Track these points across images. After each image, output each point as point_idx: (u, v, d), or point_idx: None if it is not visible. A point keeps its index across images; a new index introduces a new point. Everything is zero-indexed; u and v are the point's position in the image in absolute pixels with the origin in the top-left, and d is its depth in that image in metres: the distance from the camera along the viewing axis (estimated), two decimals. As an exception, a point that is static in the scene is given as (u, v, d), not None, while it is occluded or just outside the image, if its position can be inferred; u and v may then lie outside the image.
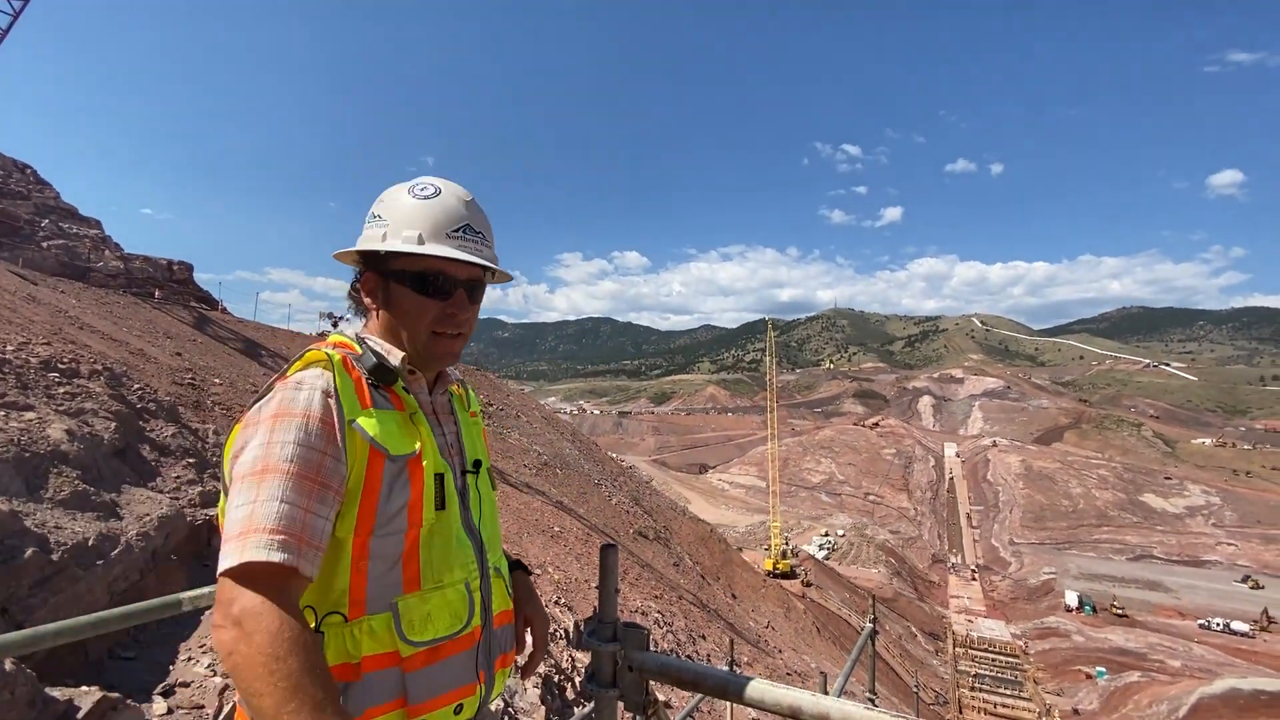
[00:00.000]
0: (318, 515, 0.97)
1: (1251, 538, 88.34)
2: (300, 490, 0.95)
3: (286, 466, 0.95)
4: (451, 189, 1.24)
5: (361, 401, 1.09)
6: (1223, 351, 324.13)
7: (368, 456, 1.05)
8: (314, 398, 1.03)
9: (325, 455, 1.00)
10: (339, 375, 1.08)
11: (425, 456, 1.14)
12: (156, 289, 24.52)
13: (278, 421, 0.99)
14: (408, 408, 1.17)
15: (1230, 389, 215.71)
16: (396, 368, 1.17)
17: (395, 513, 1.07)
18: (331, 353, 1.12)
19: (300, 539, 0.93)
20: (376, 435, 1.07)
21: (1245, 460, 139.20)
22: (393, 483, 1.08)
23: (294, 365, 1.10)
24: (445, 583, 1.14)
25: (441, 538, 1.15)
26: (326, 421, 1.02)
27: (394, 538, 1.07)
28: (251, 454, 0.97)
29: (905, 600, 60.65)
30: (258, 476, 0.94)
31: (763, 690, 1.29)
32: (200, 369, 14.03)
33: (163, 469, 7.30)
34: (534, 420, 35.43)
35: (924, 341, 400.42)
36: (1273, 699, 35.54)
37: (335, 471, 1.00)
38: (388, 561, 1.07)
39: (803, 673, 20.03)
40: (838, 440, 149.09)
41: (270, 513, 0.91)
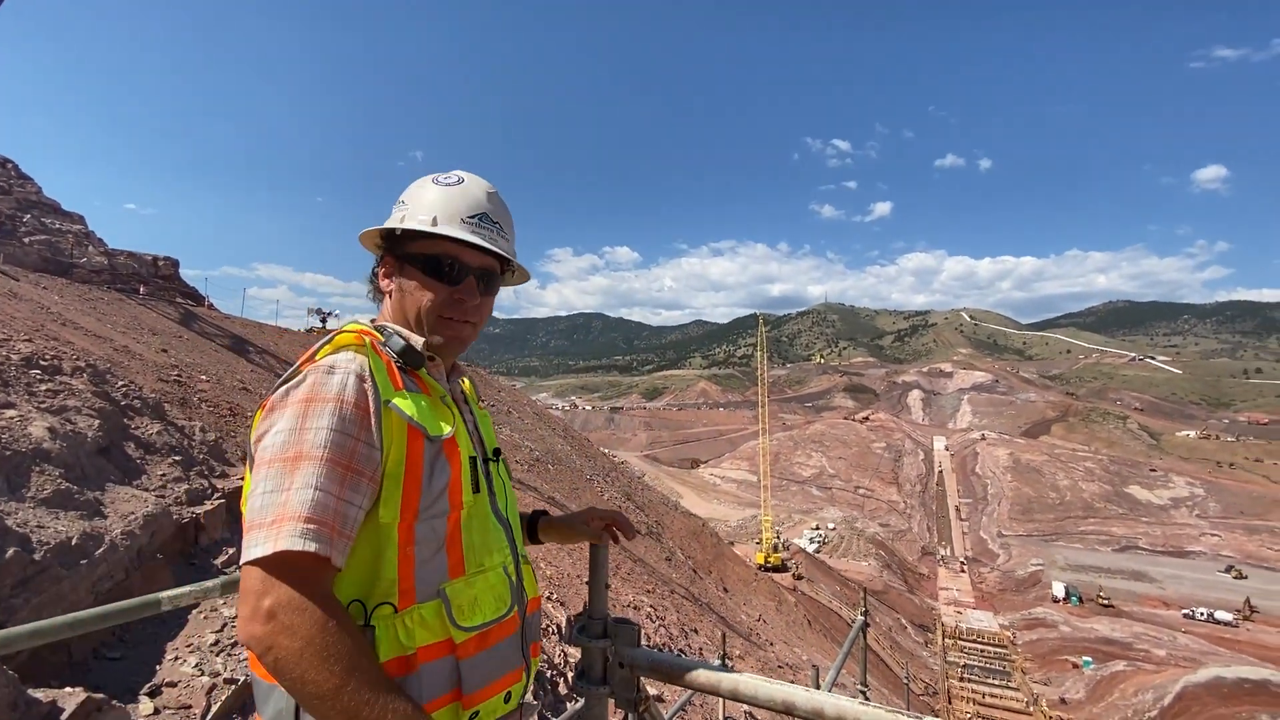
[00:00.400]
0: (350, 504, 0.95)
1: (1235, 528, 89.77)
2: (334, 478, 0.93)
3: (320, 453, 0.93)
4: (475, 180, 1.27)
5: (394, 383, 1.08)
6: (1207, 345, 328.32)
7: (406, 437, 1.04)
8: (348, 381, 1.01)
9: (359, 442, 0.98)
10: (372, 358, 1.07)
11: (459, 438, 1.15)
12: (141, 285, 24.20)
13: (310, 406, 0.97)
14: (435, 392, 1.17)
15: (1214, 382, 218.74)
16: (422, 352, 1.18)
17: (438, 495, 1.07)
18: (364, 334, 1.14)
19: (333, 528, 0.91)
20: (415, 415, 1.06)
21: (1229, 452, 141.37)
22: (433, 464, 1.07)
23: (323, 349, 1.08)
24: (487, 566, 1.14)
25: (479, 521, 1.16)
26: (361, 406, 1.00)
27: (438, 520, 1.07)
28: (281, 438, 0.95)
29: (895, 592, 61.19)
30: (290, 463, 0.93)
31: (756, 685, 1.28)
32: (186, 366, 13.86)
33: (148, 467, 7.21)
34: (525, 416, 35.34)
35: (913, 336, 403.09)
36: (1256, 687, 36.18)
37: (369, 459, 0.99)
38: (433, 546, 1.06)
39: (794, 665, 20.16)
40: (828, 434, 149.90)
41: (305, 500, 0.90)
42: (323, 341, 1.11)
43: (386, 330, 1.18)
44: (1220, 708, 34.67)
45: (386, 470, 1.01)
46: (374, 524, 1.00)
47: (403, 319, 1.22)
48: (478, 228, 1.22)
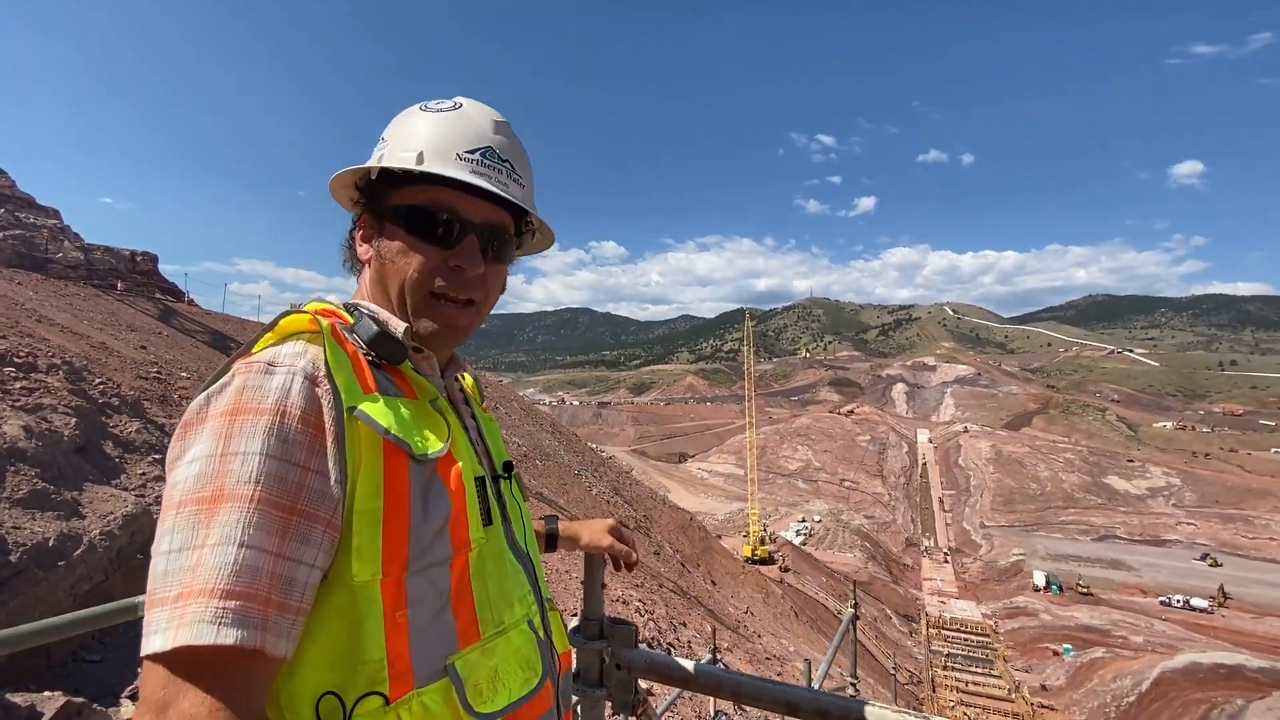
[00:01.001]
0: (296, 561, 0.65)
1: (1210, 517, 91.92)
2: (268, 526, 0.64)
3: (248, 490, 0.64)
4: (478, 106, 0.94)
5: (363, 384, 0.77)
6: (1183, 338, 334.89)
7: (382, 457, 0.74)
8: (292, 384, 0.70)
9: (308, 471, 0.68)
10: (330, 349, 0.76)
11: (458, 454, 0.84)
12: (119, 281, 23.76)
13: (236, 421, 0.67)
14: (422, 393, 0.86)
15: (1190, 374, 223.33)
16: (403, 341, 0.85)
17: (435, 535, 0.77)
18: (320, 318, 0.79)
19: (267, 602, 0.62)
20: (392, 426, 0.76)
21: (1204, 443, 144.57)
22: (425, 493, 0.77)
23: (262, 338, 0.76)
24: (508, 624, 0.85)
25: (494, 563, 0.86)
26: (311, 419, 0.69)
27: (437, 570, 0.76)
28: (195, 469, 0.65)
29: (880, 583, 61.90)
30: (206, 506, 0.63)
31: (758, 687, 1.25)
32: (166, 363, 13.63)
33: (127, 465, 7.09)
34: (513, 412, 35.22)
35: (897, 330, 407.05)
36: (1231, 672, 37.13)
37: (324, 495, 0.68)
38: (433, 606, 0.76)
39: (782, 656, 20.34)
40: (814, 428, 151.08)
41: (222, 564, 0.61)
42: (265, 328, 0.78)
43: (358, 311, 0.86)
44: (1196, 692, 35.53)
45: (355, 508, 0.71)
46: (345, 584, 0.70)
47: (383, 296, 0.89)
48: (480, 166, 0.88)
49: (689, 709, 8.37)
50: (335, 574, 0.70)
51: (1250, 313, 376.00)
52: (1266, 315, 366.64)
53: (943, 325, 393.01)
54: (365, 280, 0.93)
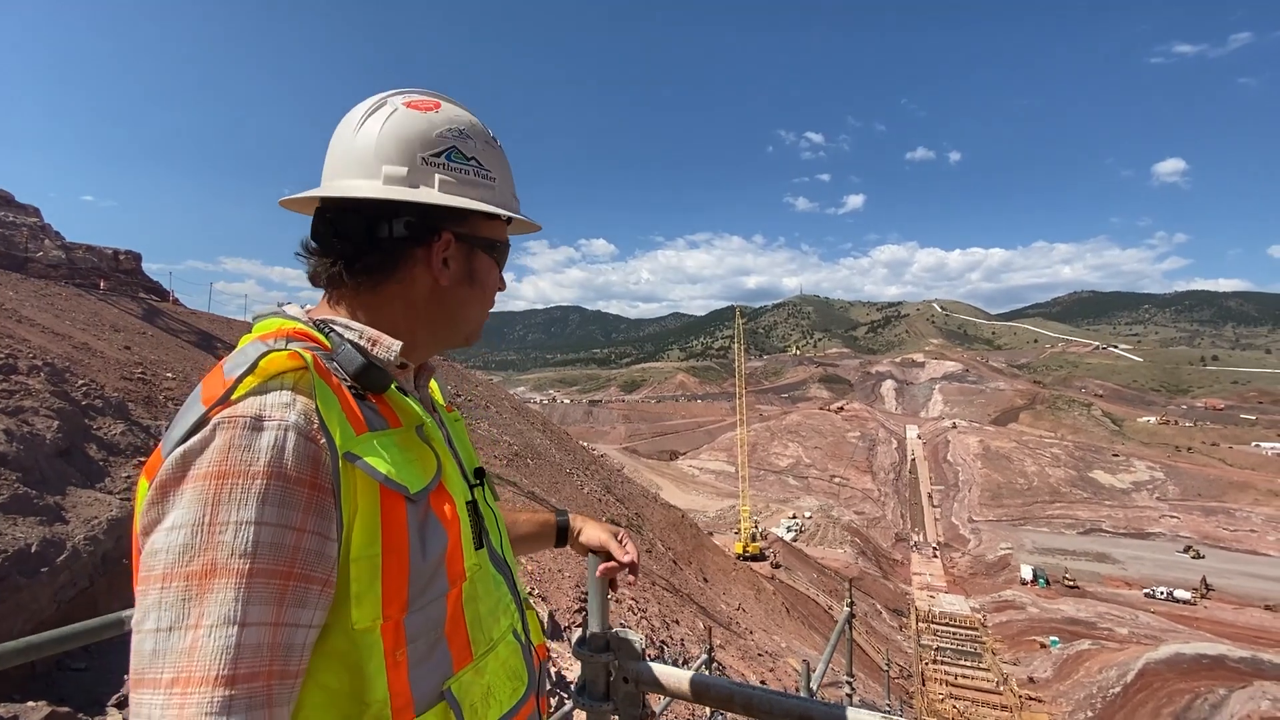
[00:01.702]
0: (294, 626, 0.63)
1: (1192, 510, 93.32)
2: (266, 598, 0.61)
3: (243, 565, 0.60)
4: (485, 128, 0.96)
5: (354, 423, 0.73)
6: (1166, 334, 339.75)
7: (380, 504, 0.71)
8: (285, 442, 0.65)
9: (306, 534, 0.65)
10: (319, 391, 0.70)
11: (449, 483, 0.83)
12: (101, 280, 23.39)
13: (224, 487, 0.62)
14: (408, 420, 0.82)
15: (1173, 369, 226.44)
16: (387, 366, 0.82)
17: (434, 572, 0.76)
18: (304, 352, 0.72)
19: (269, 675, 0.60)
20: (389, 471, 0.73)
21: (1186, 437, 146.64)
22: (422, 531, 0.75)
23: (243, 382, 0.67)
24: (496, 638, 0.87)
25: (483, 584, 0.87)
26: (306, 479, 0.65)
27: (434, 605, 0.76)
28: (180, 539, 0.60)
29: (870, 579, 62.31)
30: (195, 582, 0.59)
31: (771, 700, 1.21)
32: (151, 363, 13.42)
33: (112, 469, 6.97)
34: (503, 410, 35.08)
35: (886, 327, 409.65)
36: (1214, 662, 37.69)
37: (321, 555, 0.66)
38: (430, 639, 0.76)
39: (774, 652, 20.43)
40: (804, 425, 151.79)
41: (223, 649, 0.58)
42: (238, 364, 0.69)
43: (334, 334, 0.80)
44: (1180, 683, 36.05)
45: (352, 555, 0.69)
46: (343, 632, 0.68)
47: (403, 318, 0.87)
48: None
49: (684, 707, 8.37)
50: (333, 621, 0.68)
51: (1231, 309, 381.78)
52: (1246, 311, 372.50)
53: (931, 322, 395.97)
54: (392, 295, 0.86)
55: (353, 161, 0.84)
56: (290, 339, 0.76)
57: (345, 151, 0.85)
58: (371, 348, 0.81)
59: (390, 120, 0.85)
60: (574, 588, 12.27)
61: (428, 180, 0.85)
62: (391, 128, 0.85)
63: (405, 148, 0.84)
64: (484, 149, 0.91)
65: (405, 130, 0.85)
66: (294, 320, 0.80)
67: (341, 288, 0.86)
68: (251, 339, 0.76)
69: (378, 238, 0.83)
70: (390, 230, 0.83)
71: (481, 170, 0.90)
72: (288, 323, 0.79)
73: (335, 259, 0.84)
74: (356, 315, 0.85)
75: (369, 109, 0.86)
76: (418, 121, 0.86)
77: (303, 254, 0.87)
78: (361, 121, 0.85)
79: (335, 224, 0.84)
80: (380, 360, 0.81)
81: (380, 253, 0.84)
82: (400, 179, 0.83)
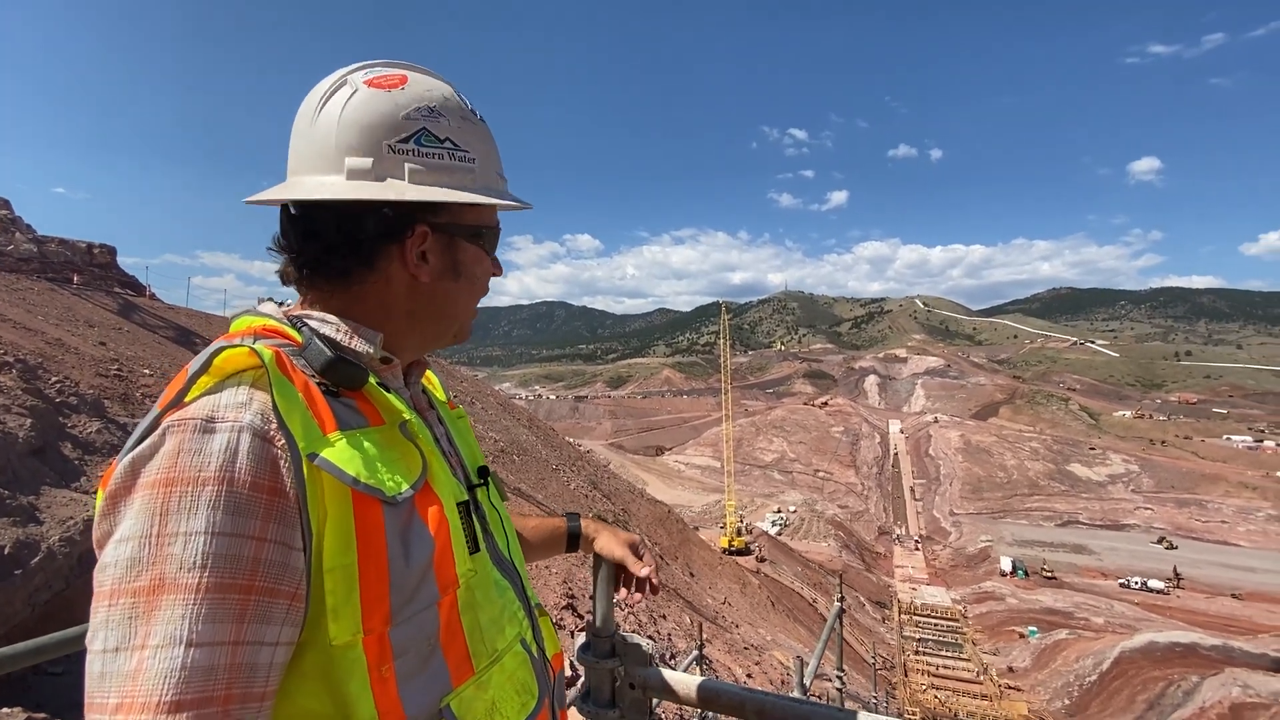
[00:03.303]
0: (258, 644, 0.58)
1: (1166, 502, 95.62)
2: (222, 615, 0.56)
3: (195, 579, 0.55)
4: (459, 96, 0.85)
5: (320, 422, 0.67)
6: (1141, 330, 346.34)
7: (352, 509, 0.65)
8: (238, 444, 0.60)
9: (265, 542, 0.59)
10: (278, 387, 0.65)
11: (436, 483, 0.76)
12: (75, 274, 22.82)
13: (171, 494, 0.57)
14: (390, 416, 0.75)
15: (1148, 364, 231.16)
16: (365, 360, 0.77)
17: (420, 580, 0.69)
18: (260, 348, 0.67)
19: (226, 699, 0.55)
20: (361, 473, 0.67)
21: (1161, 431, 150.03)
22: (403, 537, 0.68)
23: (197, 382, 0.63)
24: (501, 650, 0.79)
25: (483, 590, 0.79)
26: (264, 484, 0.60)
27: (425, 614, 0.70)
28: (127, 553, 0.56)
29: (853, 571, 62.99)
30: (142, 599, 0.54)
31: (785, 707, 1.18)
32: (127, 359, 13.13)
33: (88, 467, 6.81)
34: (489, 407, 34.87)
35: (870, 323, 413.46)
36: (1186, 650, 38.71)
37: (284, 565, 0.60)
38: (422, 652, 0.69)
39: (759, 646, 20.59)
40: (789, 420, 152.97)
41: (168, 672, 0.53)
42: (197, 363, 0.65)
43: (306, 329, 0.75)
44: (1154, 670, 36.97)
45: (325, 565, 0.63)
46: (320, 649, 0.63)
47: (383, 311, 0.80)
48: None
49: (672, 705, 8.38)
50: (309, 638, 0.62)
51: (1204, 305, 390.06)
52: (1219, 308, 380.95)
53: (913, 318, 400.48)
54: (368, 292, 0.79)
55: (314, 154, 0.76)
56: (258, 336, 0.71)
57: (305, 143, 0.77)
58: (349, 341, 0.75)
59: (351, 103, 0.75)
60: (560, 584, 12.24)
61: (396, 171, 0.76)
62: (352, 112, 0.75)
63: (369, 135, 0.75)
64: (459, 126, 0.81)
65: (368, 114, 0.75)
66: (266, 317, 0.76)
67: (317, 287, 0.79)
68: (221, 338, 0.71)
69: (349, 236, 0.76)
70: (361, 228, 0.76)
71: (457, 152, 0.80)
72: (259, 319, 0.75)
73: (305, 259, 0.78)
74: (333, 312, 0.79)
75: (327, 91, 0.77)
76: (381, 103, 0.76)
77: (275, 250, 0.81)
78: (320, 106, 0.76)
79: (303, 223, 0.77)
80: (355, 354, 0.75)
81: (352, 253, 0.77)
82: (365, 172, 0.75)
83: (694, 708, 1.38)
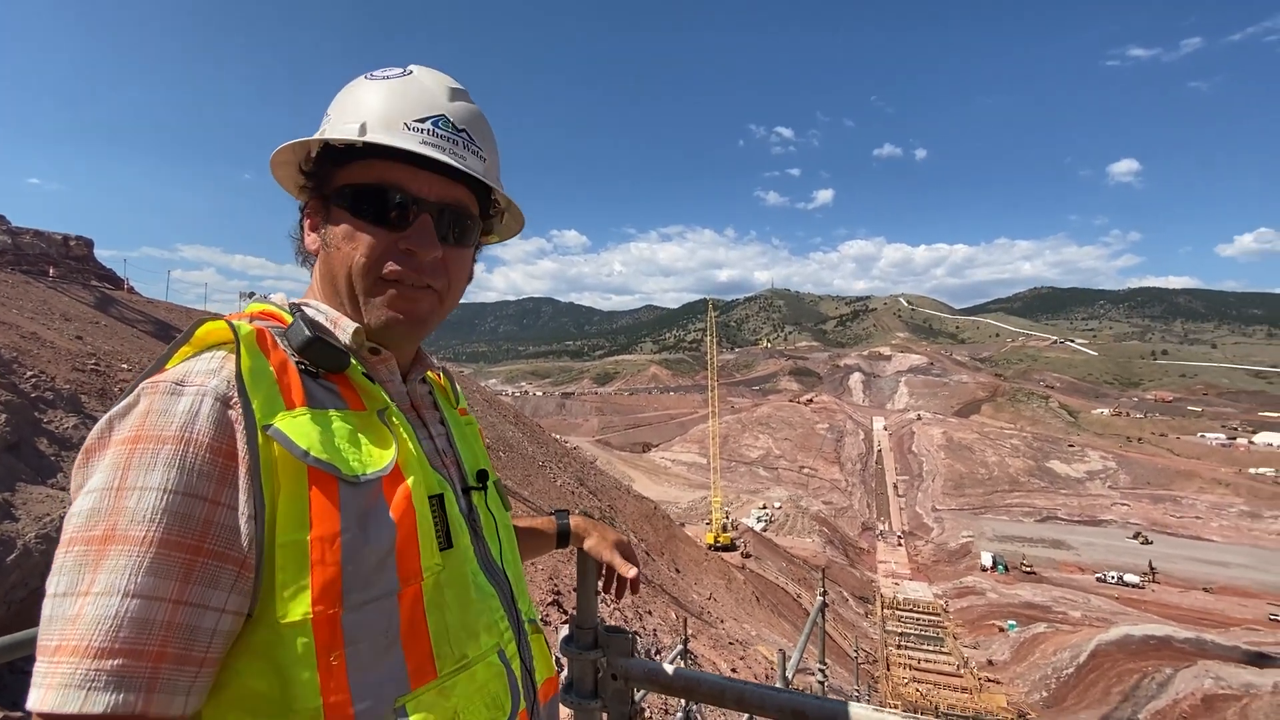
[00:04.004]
0: (201, 607, 0.57)
1: (1142, 498, 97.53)
2: (167, 570, 0.56)
3: (141, 531, 0.56)
4: (430, 71, 0.84)
5: (286, 397, 0.67)
6: (1119, 329, 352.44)
7: (307, 483, 0.64)
8: (201, 407, 0.61)
9: (217, 505, 0.60)
10: (248, 357, 0.66)
11: (408, 471, 0.73)
12: (50, 267, 22.38)
13: (136, 450, 0.58)
14: (371, 403, 0.75)
15: (1126, 363, 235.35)
16: (347, 345, 0.76)
17: (376, 566, 0.66)
18: (240, 324, 0.69)
19: (159, 656, 0.55)
20: (314, 447, 0.65)
21: (1137, 428, 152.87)
22: (362, 519, 0.66)
23: (177, 351, 0.67)
24: (471, 657, 0.75)
25: (455, 591, 0.75)
26: (221, 447, 0.61)
27: (381, 603, 0.66)
28: (88, 503, 0.57)
29: (837, 567, 63.59)
30: (94, 547, 0.55)
31: (763, 695, 1.21)
32: (105, 354, 12.90)
33: (64, 464, 6.70)
34: (475, 403, 34.69)
35: (855, 321, 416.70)
36: (1160, 643, 39.56)
37: (233, 531, 0.60)
38: (379, 644, 0.66)
39: (744, 641, 20.72)
40: (774, 417, 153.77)
41: (101, 617, 0.53)
42: (180, 337, 0.69)
43: (300, 312, 0.77)
44: (1129, 663, 37.74)
45: (278, 540, 0.62)
46: (268, 628, 0.61)
47: (331, 291, 0.80)
48: (432, 136, 0.78)
49: (656, 698, 8.43)
50: (259, 615, 0.61)
51: (1180, 305, 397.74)
52: (1195, 308, 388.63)
53: (898, 316, 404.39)
54: (316, 275, 0.82)
55: None
56: (253, 318, 0.74)
57: None
58: (333, 328, 0.77)
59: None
60: (547, 580, 12.23)
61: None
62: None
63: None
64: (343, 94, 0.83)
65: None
66: (269, 304, 0.80)
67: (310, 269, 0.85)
68: None
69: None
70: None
71: (325, 117, 0.82)
72: (262, 305, 0.79)
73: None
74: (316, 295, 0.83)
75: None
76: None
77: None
78: None
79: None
80: (337, 341, 0.76)
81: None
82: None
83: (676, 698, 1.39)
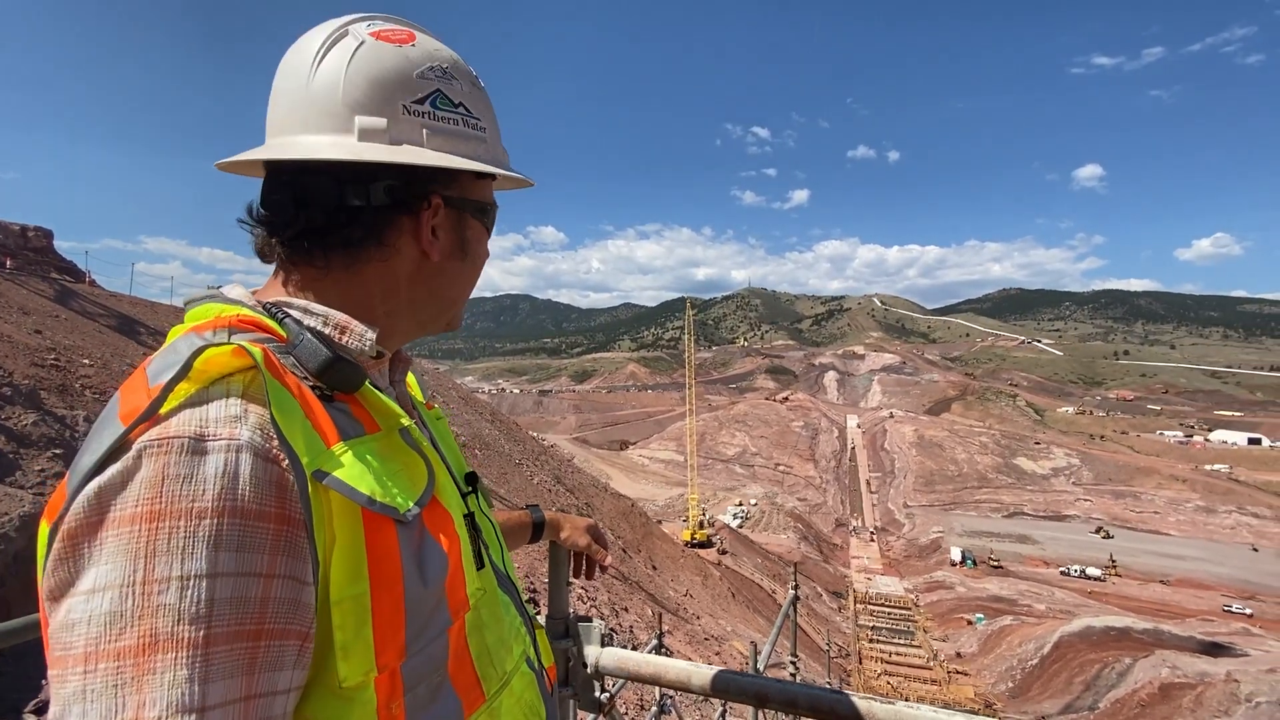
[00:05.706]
0: (270, 695, 0.49)
1: (1104, 494, 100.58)
2: (233, 669, 0.46)
3: (198, 633, 0.45)
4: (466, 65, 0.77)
5: (324, 436, 0.57)
6: (1084, 330, 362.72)
7: (362, 529, 0.56)
8: (238, 468, 0.49)
9: (275, 579, 0.50)
10: (274, 397, 0.54)
11: (445, 495, 0.68)
12: (8, 258, 21.59)
13: (158, 531, 0.46)
14: (386, 422, 0.65)
15: (1090, 363, 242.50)
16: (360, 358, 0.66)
17: (434, 605, 0.61)
18: (250, 346, 0.55)
19: None
20: (374, 490, 0.57)
21: (1100, 426, 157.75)
22: (418, 558, 0.60)
23: (174, 390, 0.51)
24: (509, 671, 0.73)
25: (490, 609, 0.72)
26: (271, 511, 0.50)
27: (435, 643, 0.62)
28: (103, 605, 0.44)
29: (811, 562, 64.41)
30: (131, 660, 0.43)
31: (727, 680, 1.26)
32: (66, 349, 12.51)
33: (23, 461, 6.51)
34: (451, 400, 34.36)
35: (830, 320, 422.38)
36: (1120, 634, 40.89)
37: (298, 604, 0.51)
38: (432, 683, 0.61)
39: (720, 636, 20.92)
40: (751, 414, 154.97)
41: None
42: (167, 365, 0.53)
43: (289, 320, 0.63)
44: (1091, 653, 38.92)
45: (333, 596, 0.54)
46: (326, 691, 0.54)
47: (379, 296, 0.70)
48: None
49: (632, 692, 8.49)
50: (314, 678, 0.53)
51: (1141, 307, 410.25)
52: (1155, 309, 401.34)
53: (871, 316, 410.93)
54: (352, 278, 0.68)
55: (315, 111, 0.65)
56: (233, 329, 0.58)
57: (302, 98, 0.66)
58: (339, 336, 0.65)
59: (359, 56, 0.66)
60: (523, 577, 12.22)
61: (413, 135, 0.67)
62: (362, 66, 0.66)
63: (382, 93, 0.66)
64: (470, 92, 0.73)
65: (379, 69, 0.66)
66: (237, 305, 0.63)
67: (302, 265, 0.68)
68: (183, 331, 0.58)
69: (352, 206, 0.65)
70: (369, 196, 0.66)
71: (470, 119, 0.72)
72: (229, 308, 0.62)
73: (298, 232, 0.66)
74: (320, 297, 0.67)
75: (328, 41, 0.66)
76: (393, 57, 0.67)
77: (248, 223, 0.69)
78: (320, 57, 0.66)
79: (297, 189, 0.65)
80: (350, 352, 0.65)
81: (358, 224, 0.66)
82: (379, 133, 0.66)
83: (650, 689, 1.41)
